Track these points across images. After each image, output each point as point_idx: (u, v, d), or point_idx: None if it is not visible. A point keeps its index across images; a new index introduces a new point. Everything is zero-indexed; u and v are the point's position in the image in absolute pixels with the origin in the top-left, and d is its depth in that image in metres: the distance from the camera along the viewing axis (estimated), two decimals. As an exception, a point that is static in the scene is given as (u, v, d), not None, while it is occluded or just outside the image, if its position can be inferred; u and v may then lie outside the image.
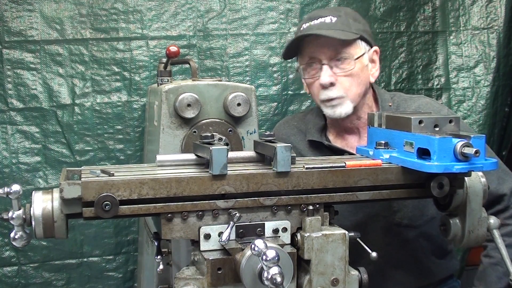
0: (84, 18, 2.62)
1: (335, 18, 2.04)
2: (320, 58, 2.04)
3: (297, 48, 2.11)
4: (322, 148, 2.16)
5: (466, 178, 1.56)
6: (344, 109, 2.05)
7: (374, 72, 2.13)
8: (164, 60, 2.04)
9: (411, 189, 1.53)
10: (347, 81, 2.04)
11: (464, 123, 2.36)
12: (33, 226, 1.33)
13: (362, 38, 2.07)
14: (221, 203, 1.39)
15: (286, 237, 1.42)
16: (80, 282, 2.67)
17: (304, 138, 2.22)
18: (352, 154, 2.09)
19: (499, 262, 1.98)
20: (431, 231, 2.16)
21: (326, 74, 2.03)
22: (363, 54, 2.07)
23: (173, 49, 1.93)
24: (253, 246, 1.24)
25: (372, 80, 2.13)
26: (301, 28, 2.09)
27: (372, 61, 2.12)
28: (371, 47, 2.12)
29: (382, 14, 2.94)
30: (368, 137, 1.71)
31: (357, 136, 2.17)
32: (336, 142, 2.18)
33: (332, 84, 2.03)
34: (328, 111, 2.07)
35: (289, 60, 2.82)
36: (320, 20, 2.05)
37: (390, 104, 2.13)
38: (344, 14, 2.08)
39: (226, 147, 1.42)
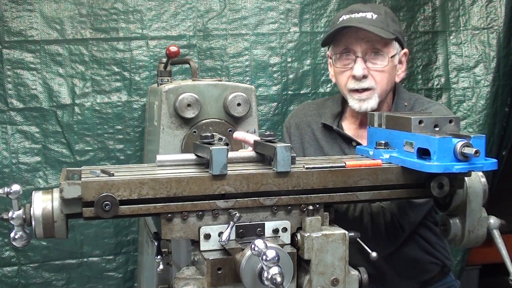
0: (84, 18, 2.62)
1: (376, 15, 2.09)
2: (356, 50, 2.09)
3: (332, 36, 2.15)
4: (333, 133, 2.22)
5: (466, 178, 1.56)
6: (371, 103, 2.09)
7: (400, 73, 2.19)
8: (164, 60, 2.04)
9: (411, 189, 1.52)
10: (378, 76, 2.10)
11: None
12: (33, 226, 1.33)
13: (397, 39, 2.12)
14: (221, 203, 1.39)
15: (286, 237, 1.42)
16: (80, 282, 2.67)
17: (320, 121, 2.27)
18: (360, 144, 2.11)
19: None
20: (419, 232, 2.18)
21: (360, 67, 2.07)
22: (395, 54, 2.13)
23: (173, 49, 1.93)
24: (253, 246, 1.24)
25: (397, 80, 2.19)
26: (341, 19, 2.13)
27: (400, 62, 2.17)
28: (402, 48, 2.17)
29: (382, 14, 2.94)
30: (368, 137, 1.71)
31: None
32: (349, 131, 2.22)
33: (364, 77, 2.08)
34: (354, 104, 2.11)
35: (289, 60, 2.82)
36: (361, 14, 2.09)
37: (406, 104, 2.17)
38: (385, 13, 2.13)
39: (226, 147, 1.42)
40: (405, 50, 2.19)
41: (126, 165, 2.11)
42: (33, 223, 1.33)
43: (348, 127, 2.24)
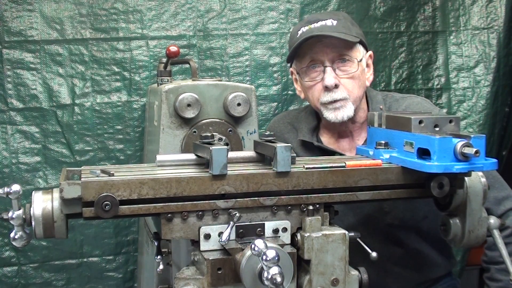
0: (84, 18, 2.62)
1: (336, 21, 2.04)
2: (323, 60, 2.03)
3: (295, 51, 2.09)
4: (313, 149, 2.16)
5: (466, 178, 1.56)
6: (346, 112, 2.03)
7: (369, 76, 2.16)
8: (164, 60, 2.04)
9: (411, 189, 1.53)
10: (349, 83, 2.04)
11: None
12: (33, 226, 1.33)
13: (361, 42, 2.09)
14: (221, 203, 1.39)
15: (286, 237, 1.42)
16: (80, 282, 2.67)
17: (297, 137, 2.22)
18: (343, 155, 2.09)
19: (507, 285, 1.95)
20: (425, 228, 2.16)
21: (331, 76, 2.01)
22: (362, 58, 2.09)
23: (173, 49, 1.93)
24: (253, 246, 1.24)
25: (368, 84, 2.15)
26: (300, 31, 2.06)
27: (367, 65, 2.14)
28: (367, 51, 2.14)
29: (382, 14, 2.94)
30: (368, 137, 1.72)
31: (349, 139, 2.18)
32: (329, 144, 2.18)
33: (336, 86, 2.02)
34: (329, 115, 2.05)
35: (289, 60, 2.82)
36: (320, 23, 2.04)
37: (381, 106, 2.14)
38: (343, 18, 2.09)
39: (226, 147, 1.42)
40: (370, 52, 2.16)
41: (126, 165, 2.11)
42: (33, 223, 1.33)
43: (328, 141, 2.19)
